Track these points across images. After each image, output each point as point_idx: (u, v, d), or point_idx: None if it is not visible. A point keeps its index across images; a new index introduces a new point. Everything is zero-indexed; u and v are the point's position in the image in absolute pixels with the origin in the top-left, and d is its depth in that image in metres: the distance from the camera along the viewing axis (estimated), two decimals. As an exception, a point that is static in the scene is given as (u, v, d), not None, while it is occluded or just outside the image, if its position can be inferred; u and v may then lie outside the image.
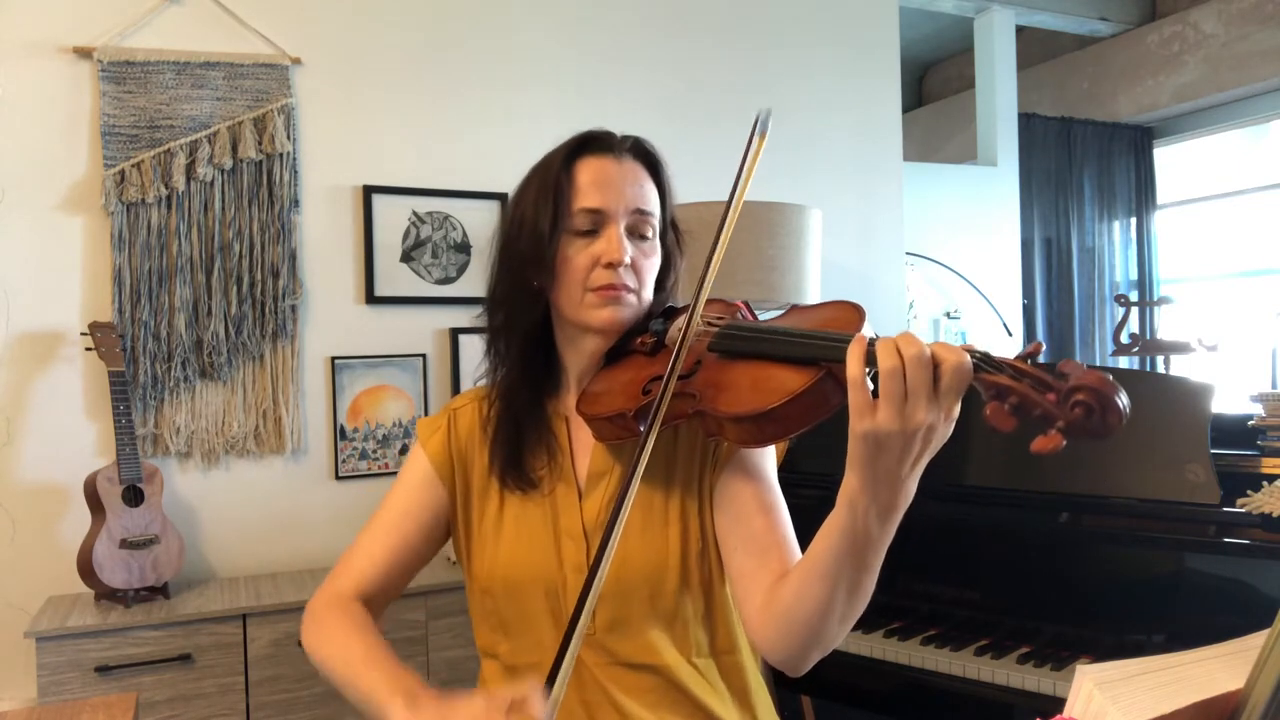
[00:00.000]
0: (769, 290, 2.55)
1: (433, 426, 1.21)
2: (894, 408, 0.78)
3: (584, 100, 2.96)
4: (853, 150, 3.41)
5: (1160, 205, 5.51)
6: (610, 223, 1.08)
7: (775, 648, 0.98)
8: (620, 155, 1.10)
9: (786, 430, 0.91)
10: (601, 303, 1.08)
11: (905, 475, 0.82)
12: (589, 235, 1.08)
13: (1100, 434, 0.72)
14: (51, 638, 2.03)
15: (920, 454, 0.81)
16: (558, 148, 1.12)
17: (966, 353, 0.78)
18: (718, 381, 0.97)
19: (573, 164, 1.09)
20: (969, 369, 0.77)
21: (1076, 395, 0.72)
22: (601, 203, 1.07)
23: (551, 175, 1.08)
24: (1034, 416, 0.74)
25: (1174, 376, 2.13)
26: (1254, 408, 1.83)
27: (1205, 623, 1.66)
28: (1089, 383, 0.72)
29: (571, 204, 1.07)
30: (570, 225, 1.07)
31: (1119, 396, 0.72)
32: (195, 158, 2.49)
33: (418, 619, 2.31)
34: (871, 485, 0.82)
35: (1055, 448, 0.73)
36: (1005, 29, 4.77)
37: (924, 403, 0.77)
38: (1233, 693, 0.59)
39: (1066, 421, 0.72)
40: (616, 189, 1.08)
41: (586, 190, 1.07)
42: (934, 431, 0.79)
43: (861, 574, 0.89)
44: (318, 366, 2.65)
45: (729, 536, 1.07)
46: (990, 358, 0.78)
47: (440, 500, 1.18)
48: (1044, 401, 0.74)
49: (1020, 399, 0.75)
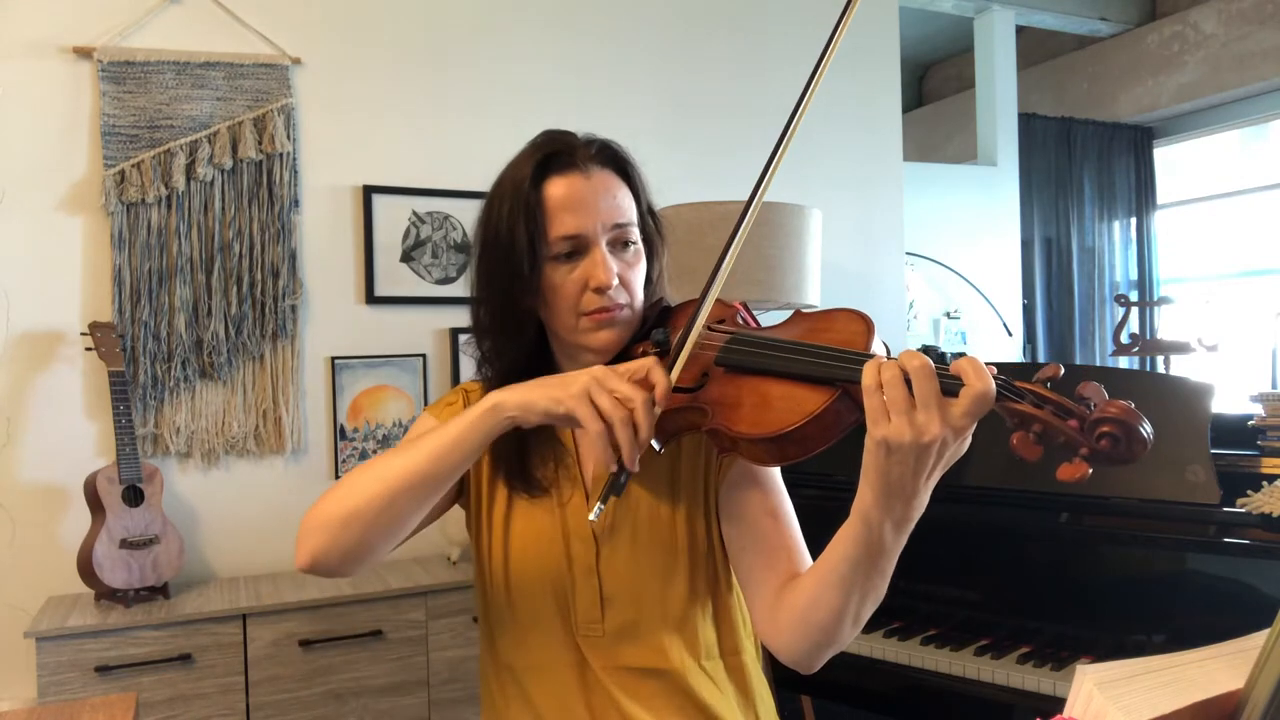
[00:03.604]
0: (769, 290, 2.55)
1: (446, 401, 1.19)
2: (903, 417, 0.78)
3: (584, 100, 2.96)
4: (853, 150, 3.41)
5: (1160, 205, 5.51)
6: (592, 245, 1.05)
7: (788, 649, 0.98)
8: (588, 168, 1.06)
9: (805, 450, 0.89)
10: (596, 326, 1.06)
11: (919, 488, 0.82)
12: (572, 259, 1.05)
13: (1126, 462, 0.73)
14: (51, 638, 2.03)
15: (934, 468, 0.81)
16: (521, 159, 1.08)
17: (992, 379, 0.78)
18: (728, 398, 0.96)
19: (541, 185, 1.05)
20: (993, 397, 0.77)
21: (1102, 427, 0.73)
22: (579, 227, 1.04)
23: (521, 198, 1.04)
24: (1058, 444, 0.75)
25: (1174, 376, 2.13)
26: (1254, 408, 1.83)
27: (1205, 623, 1.66)
28: (1114, 414, 0.73)
29: (548, 231, 1.04)
30: (550, 252, 1.05)
31: (1143, 426, 0.73)
32: (195, 158, 2.49)
33: (418, 619, 2.31)
34: (885, 497, 0.83)
35: (1082, 476, 0.73)
36: (1005, 29, 4.77)
37: (935, 415, 0.78)
38: (1233, 693, 0.59)
39: (1092, 450, 0.73)
40: (591, 208, 1.05)
41: (561, 216, 1.04)
42: (947, 447, 0.80)
43: (875, 579, 0.90)
44: (318, 366, 2.65)
45: (736, 540, 1.07)
46: (1012, 385, 0.78)
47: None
48: (1067, 429, 0.74)
49: (1044, 427, 0.75)
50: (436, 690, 2.32)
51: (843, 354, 0.89)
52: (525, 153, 1.08)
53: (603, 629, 1.09)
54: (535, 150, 1.08)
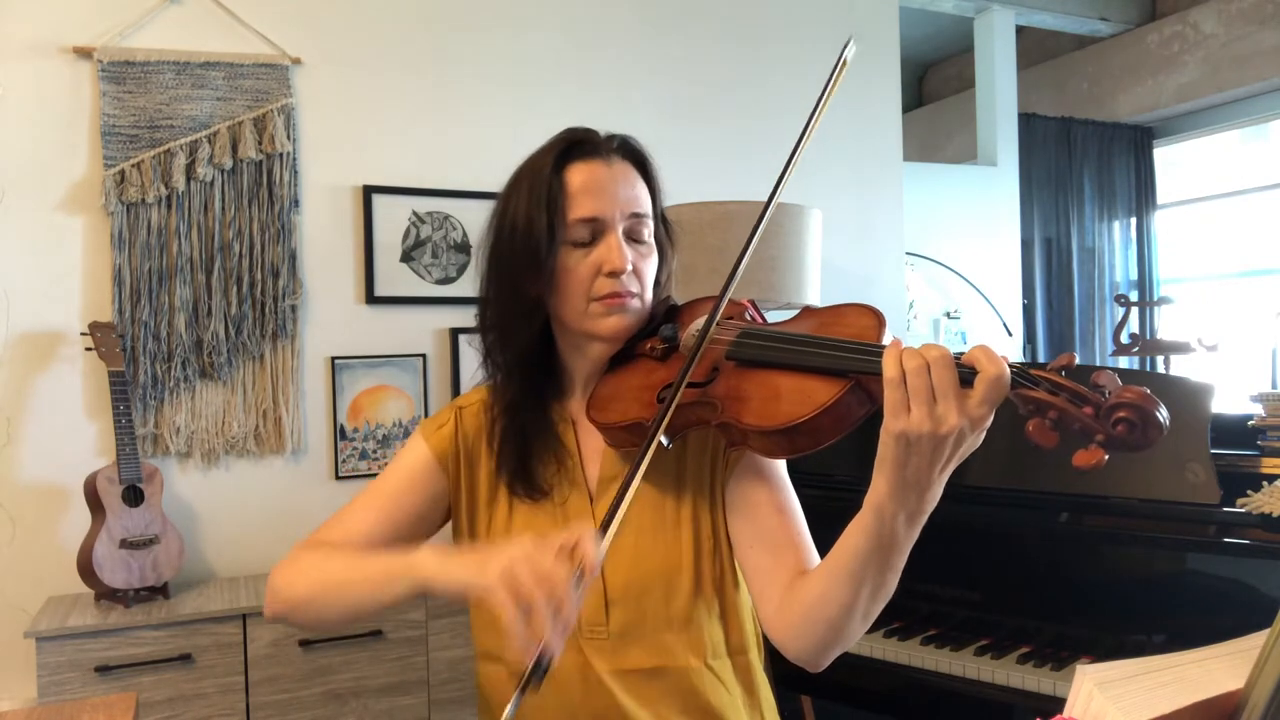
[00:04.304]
0: (769, 290, 2.55)
1: (438, 422, 1.19)
2: (924, 407, 0.79)
3: (584, 100, 2.96)
4: (853, 150, 3.41)
5: (1160, 205, 5.51)
6: (609, 230, 1.06)
7: (797, 645, 0.98)
8: (609, 158, 1.09)
9: (817, 442, 0.90)
10: (607, 311, 1.07)
11: (933, 479, 0.83)
12: (587, 244, 1.07)
13: (1142, 448, 0.73)
14: (51, 638, 2.03)
15: (949, 459, 0.82)
16: (543, 150, 1.10)
17: (1006, 365, 0.78)
18: (739, 391, 0.96)
19: (563, 170, 1.07)
20: (1007, 381, 0.77)
21: (1118, 413, 0.73)
22: (597, 210, 1.06)
23: (542, 183, 1.06)
24: (1073, 431, 0.75)
25: (1174, 376, 2.13)
26: (1254, 408, 1.83)
27: (1205, 623, 1.66)
28: (1129, 399, 0.73)
29: (567, 214, 1.05)
30: (568, 236, 1.06)
31: (1159, 411, 0.72)
32: (195, 158, 2.49)
33: (418, 619, 2.31)
34: (900, 489, 0.83)
35: (1099, 463, 0.73)
36: (1005, 29, 4.77)
37: (954, 405, 0.78)
38: (1233, 693, 0.59)
39: (1108, 436, 0.73)
40: (611, 194, 1.07)
41: (581, 199, 1.06)
42: (964, 438, 0.81)
43: (886, 574, 0.90)
44: (318, 366, 2.65)
45: (743, 536, 1.07)
46: (1026, 372, 0.78)
47: (439, 487, 1.17)
48: (1082, 416, 0.74)
49: (1060, 414, 0.75)
50: (436, 690, 2.32)
51: (856, 345, 0.89)
52: (547, 145, 1.11)
53: (607, 631, 1.08)
54: (557, 143, 1.10)
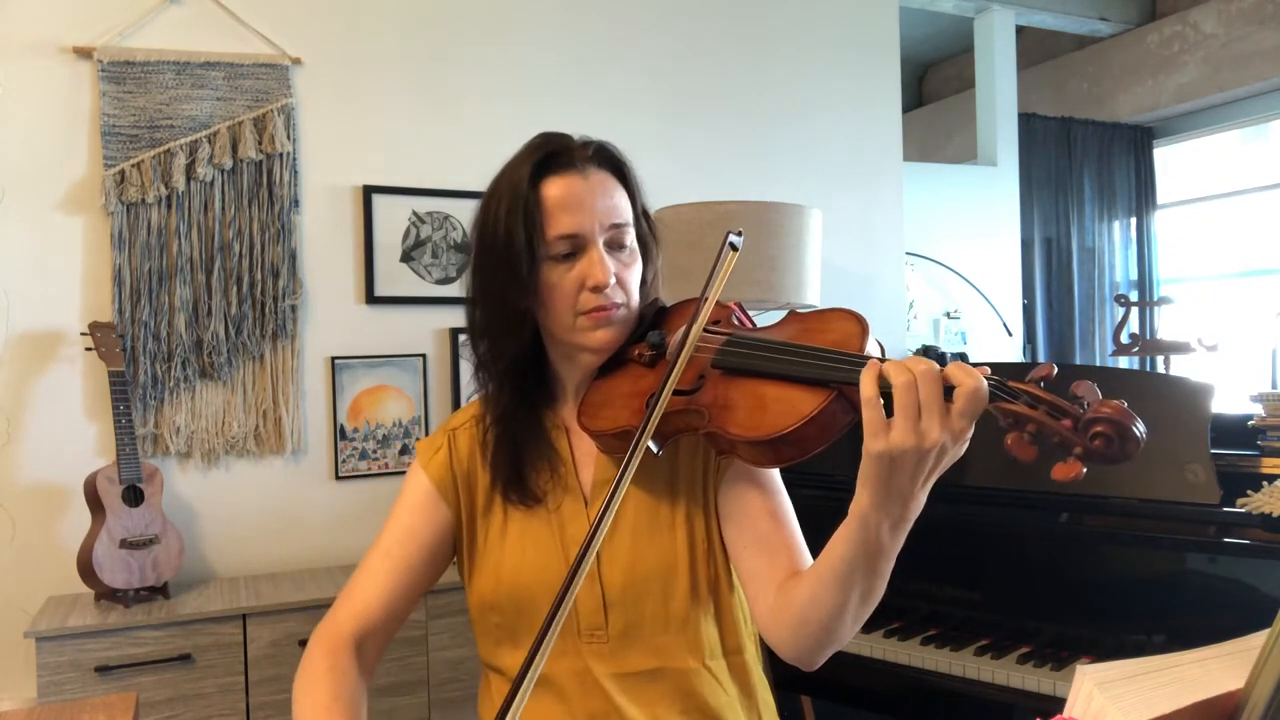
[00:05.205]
0: (769, 290, 2.55)
1: (433, 448, 1.19)
2: (909, 423, 0.79)
3: (584, 100, 2.96)
4: (853, 150, 3.41)
5: (1160, 205, 5.51)
6: (589, 244, 1.06)
7: (790, 647, 0.99)
8: (585, 169, 1.07)
9: (803, 452, 0.90)
10: (593, 325, 1.07)
11: (916, 491, 0.84)
12: (569, 258, 1.06)
13: (1119, 461, 0.73)
14: (51, 638, 2.03)
15: (931, 472, 0.82)
16: (518, 160, 1.08)
17: (984, 378, 0.78)
18: (725, 400, 0.96)
19: (539, 184, 1.06)
20: (985, 394, 0.78)
21: (1095, 427, 0.73)
22: (576, 226, 1.05)
23: (520, 198, 1.05)
24: (1052, 444, 0.75)
25: (1174, 376, 2.13)
26: (1254, 408, 1.83)
27: (1205, 623, 1.66)
28: (1107, 414, 0.73)
29: (545, 231, 1.04)
30: (548, 252, 1.05)
31: (1136, 426, 0.73)
32: (195, 158, 2.49)
33: (418, 619, 2.31)
34: (884, 502, 0.84)
35: (1077, 475, 0.74)
36: (1005, 29, 4.77)
37: (937, 419, 0.79)
38: (1233, 693, 0.59)
39: (1085, 450, 0.74)
40: (589, 208, 1.05)
41: (559, 215, 1.05)
42: (946, 451, 0.81)
43: (873, 579, 0.91)
44: (318, 366, 2.65)
45: (737, 540, 1.07)
46: (1005, 385, 0.79)
47: (443, 519, 1.17)
48: (1061, 429, 0.75)
49: (1038, 427, 0.76)
50: (436, 690, 2.32)
51: (838, 356, 0.90)
52: (522, 154, 1.09)
53: (607, 634, 1.09)
54: (532, 151, 1.08)
